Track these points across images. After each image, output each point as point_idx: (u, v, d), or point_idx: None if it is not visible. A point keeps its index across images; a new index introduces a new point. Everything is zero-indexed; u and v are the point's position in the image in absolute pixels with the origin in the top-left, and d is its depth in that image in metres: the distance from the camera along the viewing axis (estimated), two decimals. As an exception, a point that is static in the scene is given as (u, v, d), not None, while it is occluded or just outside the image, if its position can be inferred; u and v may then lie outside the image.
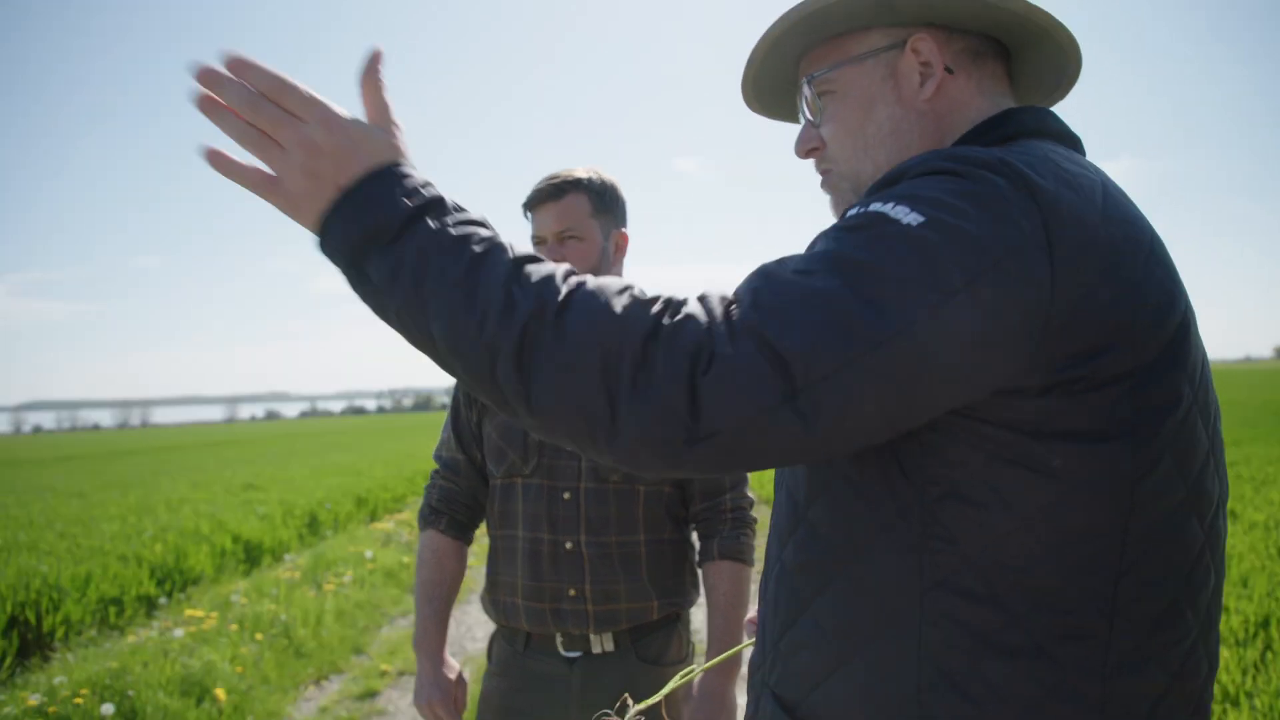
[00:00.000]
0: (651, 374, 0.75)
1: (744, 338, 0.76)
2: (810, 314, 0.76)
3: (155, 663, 4.60)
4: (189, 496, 12.89)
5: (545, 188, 1.88)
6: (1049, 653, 0.83)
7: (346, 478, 15.29)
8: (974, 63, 1.02)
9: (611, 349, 0.76)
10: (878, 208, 0.82)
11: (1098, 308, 0.81)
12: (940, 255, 0.77)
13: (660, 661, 1.90)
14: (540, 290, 0.78)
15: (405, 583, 7.74)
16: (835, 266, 0.78)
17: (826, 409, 0.76)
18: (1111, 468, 0.82)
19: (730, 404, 0.75)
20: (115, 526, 9.41)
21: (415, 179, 0.84)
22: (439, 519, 2.02)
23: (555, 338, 0.77)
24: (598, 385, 0.75)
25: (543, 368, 0.77)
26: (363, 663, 5.55)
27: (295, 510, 10.60)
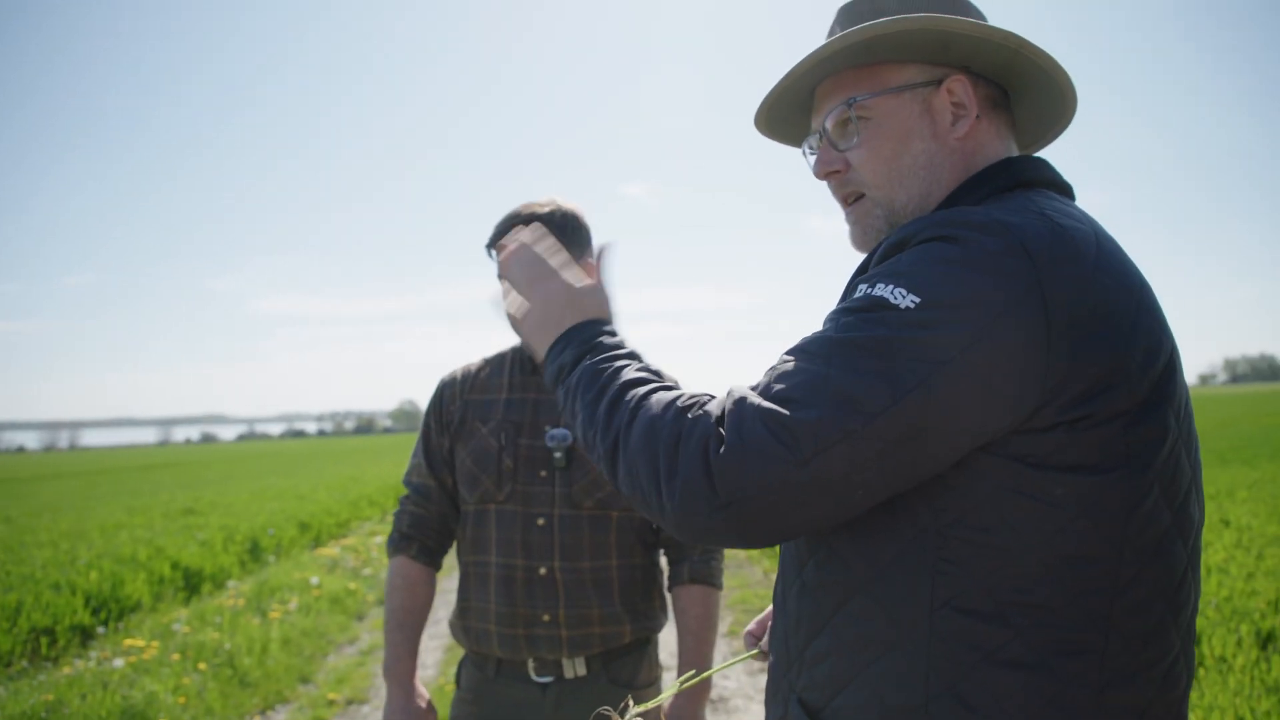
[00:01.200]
0: (676, 459, 0.91)
1: (754, 422, 0.88)
2: (815, 393, 0.87)
3: (94, 694, 4.46)
4: (124, 522, 12.50)
5: (505, 225, 1.91)
6: (1049, 666, 0.90)
7: (288, 502, 14.97)
8: (993, 109, 1.10)
9: (657, 450, 0.93)
10: (879, 291, 0.91)
11: (1094, 354, 0.88)
12: (934, 330, 0.86)
13: (632, 685, 1.92)
14: (625, 410, 0.99)
15: (352, 610, 7.60)
16: (837, 349, 0.89)
17: (836, 474, 0.86)
18: (1108, 497, 0.90)
19: (742, 475, 0.87)
20: (46, 553, 9.09)
21: (602, 329, 1.12)
22: (409, 545, 2.01)
23: (626, 447, 0.97)
24: (651, 480, 0.94)
25: (624, 471, 0.98)
26: (310, 692, 5.43)
27: (236, 536, 10.35)
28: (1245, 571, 6.19)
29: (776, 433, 0.86)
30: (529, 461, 1.91)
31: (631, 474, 0.96)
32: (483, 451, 1.94)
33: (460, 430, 1.98)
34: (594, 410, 1.02)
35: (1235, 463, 14.48)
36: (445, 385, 2.05)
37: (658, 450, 0.93)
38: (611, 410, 1.00)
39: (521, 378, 1.99)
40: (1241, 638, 4.70)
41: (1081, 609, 0.90)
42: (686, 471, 0.89)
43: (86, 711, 4.23)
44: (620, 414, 0.99)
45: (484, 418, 1.96)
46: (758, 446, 0.86)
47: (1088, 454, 0.89)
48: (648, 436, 0.94)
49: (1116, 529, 0.90)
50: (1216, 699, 3.85)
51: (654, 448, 0.93)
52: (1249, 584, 5.79)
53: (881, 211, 1.09)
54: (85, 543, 10.01)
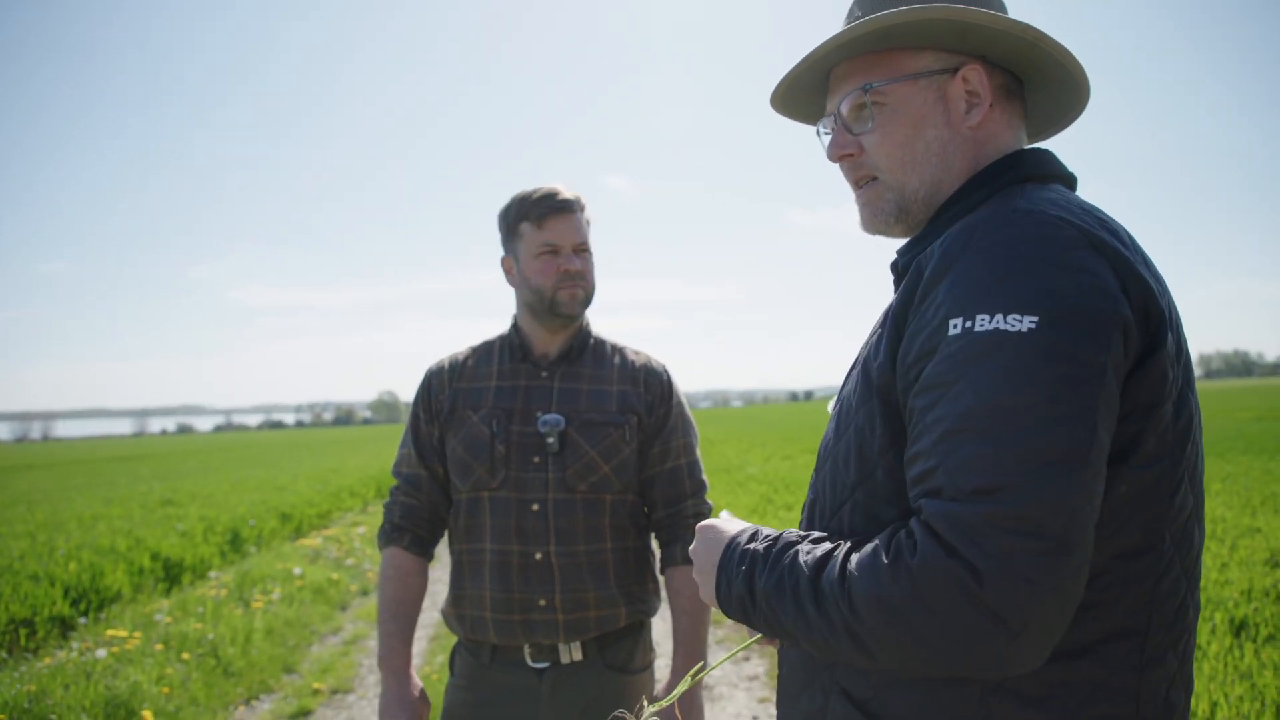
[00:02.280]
0: (940, 620, 0.83)
1: (990, 534, 0.81)
2: (1027, 471, 0.82)
3: (77, 685, 4.43)
4: (102, 513, 12.38)
5: (564, 201, 1.95)
6: (1096, 652, 0.93)
7: (268, 493, 14.87)
8: (1006, 99, 1.11)
9: (901, 622, 0.85)
10: (985, 326, 0.87)
11: (1158, 337, 0.91)
12: (1073, 346, 0.85)
13: (627, 669, 1.94)
14: (837, 603, 0.91)
15: (335, 600, 7.58)
16: (1007, 415, 0.84)
17: (1081, 532, 0.83)
18: (1157, 488, 0.93)
19: (1024, 596, 0.80)
20: (24, 544, 8.99)
21: (737, 551, 1.05)
22: (402, 536, 2.02)
23: (865, 629, 0.88)
24: (914, 645, 0.85)
25: (877, 651, 0.88)
26: (294, 681, 5.43)
27: (217, 526, 10.28)
28: (1219, 562, 6.30)
29: (1020, 531, 0.80)
30: (522, 448, 1.92)
31: (891, 650, 0.87)
32: (475, 439, 1.95)
33: (450, 419, 1.99)
34: (805, 618, 0.94)
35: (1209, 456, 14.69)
36: (433, 374, 2.06)
37: (908, 620, 0.84)
38: (822, 607, 0.92)
39: (511, 365, 2.01)
40: (1215, 626, 4.78)
41: (1130, 598, 0.94)
42: (957, 623, 0.81)
43: (70, 701, 4.20)
44: (834, 607, 0.90)
45: (474, 405, 1.97)
46: (1016, 557, 0.80)
47: (1146, 446, 0.91)
48: (884, 614, 0.85)
49: (1162, 519, 0.94)
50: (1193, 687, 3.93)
51: (897, 621, 0.84)
52: (1223, 574, 5.89)
53: (893, 196, 1.11)
54: (63, 534, 9.90)
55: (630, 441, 1.95)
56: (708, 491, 2.05)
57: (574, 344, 2.01)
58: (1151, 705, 0.95)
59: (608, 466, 1.92)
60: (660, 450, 1.99)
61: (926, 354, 0.92)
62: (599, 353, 2.03)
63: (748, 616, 1.02)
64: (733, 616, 1.05)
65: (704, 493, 2.03)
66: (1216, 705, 3.69)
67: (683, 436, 2.02)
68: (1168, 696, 0.97)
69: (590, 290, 1.98)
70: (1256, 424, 24.05)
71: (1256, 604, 5.10)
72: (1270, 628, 4.72)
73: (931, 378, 0.90)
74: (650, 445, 1.98)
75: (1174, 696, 0.98)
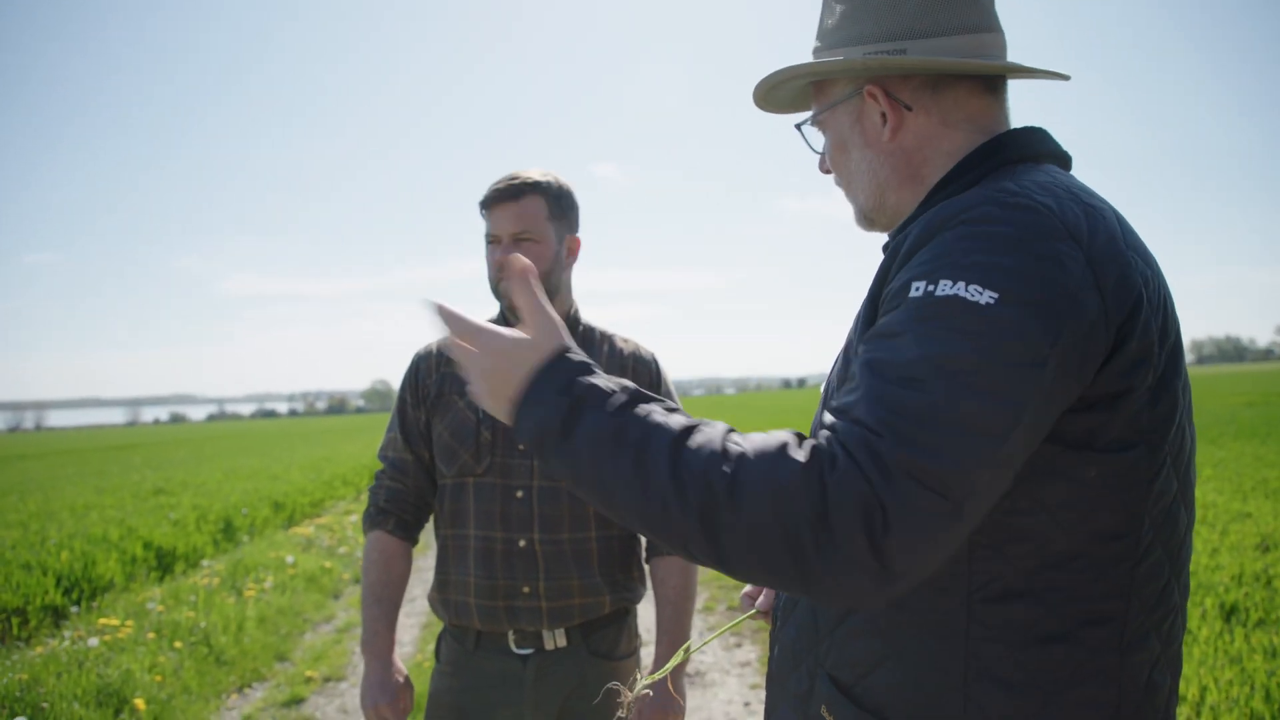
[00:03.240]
0: (833, 538, 0.80)
1: (902, 478, 0.80)
2: (948, 431, 0.82)
3: (69, 673, 4.43)
4: (94, 502, 12.37)
5: (504, 188, 1.90)
6: (1078, 637, 0.93)
7: (261, 482, 14.87)
8: (933, 95, 1.08)
9: (788, 523, 0.81)
10: (950, 290, 0.87)
11: (1132, 328, 0.90)
12: (1024, 329, 0.84)
13: (611, 656, 1.94)
14: (706, 474, 0.84)
15: (328, 588, 7.59)
16: (942, 371, 0.83)
17: (980, 507, 0.84)
18: (1133, 472, 0.93)
19: (916, 549, 0.80)
20: (16, 534, 8.98)
21: (566, 374, 0.92)
22: (386, 520, 2.00)
23: (734, 518, 0.82)
24: (784, 553, 0.81)
25: (729, 545, 0.83)
26: (287, 669, 5.43)
27: (209, 515, 10.27)
28: (1210, 547, 6.33)
29: (933, 489, 0.80)
30: (507, 434, 1.90)
31: (747, 557, 0.83)
32: (460, 424, 1.93)
33: (437, 403, 1.97)
34: (645, 482, 0.86)
35: (1201, 442, 14.75)
36: (421, 358, 2.04)
37: (797, 526, 0.80)
38: (682, 477, 0.85)
39: None
40: (1206, 611, 4.81)
41: (1108, 581, 0.94)
42: (846, 549, 0.79)
43: (62, 690, 4.19)
44: (698, 484, 0.84)
45: (461, 390, 1.95)
46: (923, 513, 0.80)
47: (1120, 431, 0.91)
48: (773, 508, 0.81)
49: (1139, 503, 0.94)
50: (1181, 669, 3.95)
51: (788, 524, 0.81)
52: (1213, 559, 5.93)
53: (855, 206, 1.18)
54: (55, 523, 9.89)
55: None
56: None
57: None
58: (1134, 687, 0.96)
59: None
60: None
61: (887, 312, 0.92)
62: (587, 340, 2.01)
63: (543, 451, 0.92)
64: (523, 438, 0.94)
65: None
66: (1206, 689, 3.71)
67: None
68: (1150, 678, 0.97)
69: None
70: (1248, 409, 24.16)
71: (1247, 589, 5.13)
72: (1260, 612, 4.75)
73: (881, 327, 0.90)
74: None
75: (1157, 678, 0.98)
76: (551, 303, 1.93)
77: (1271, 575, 5.43)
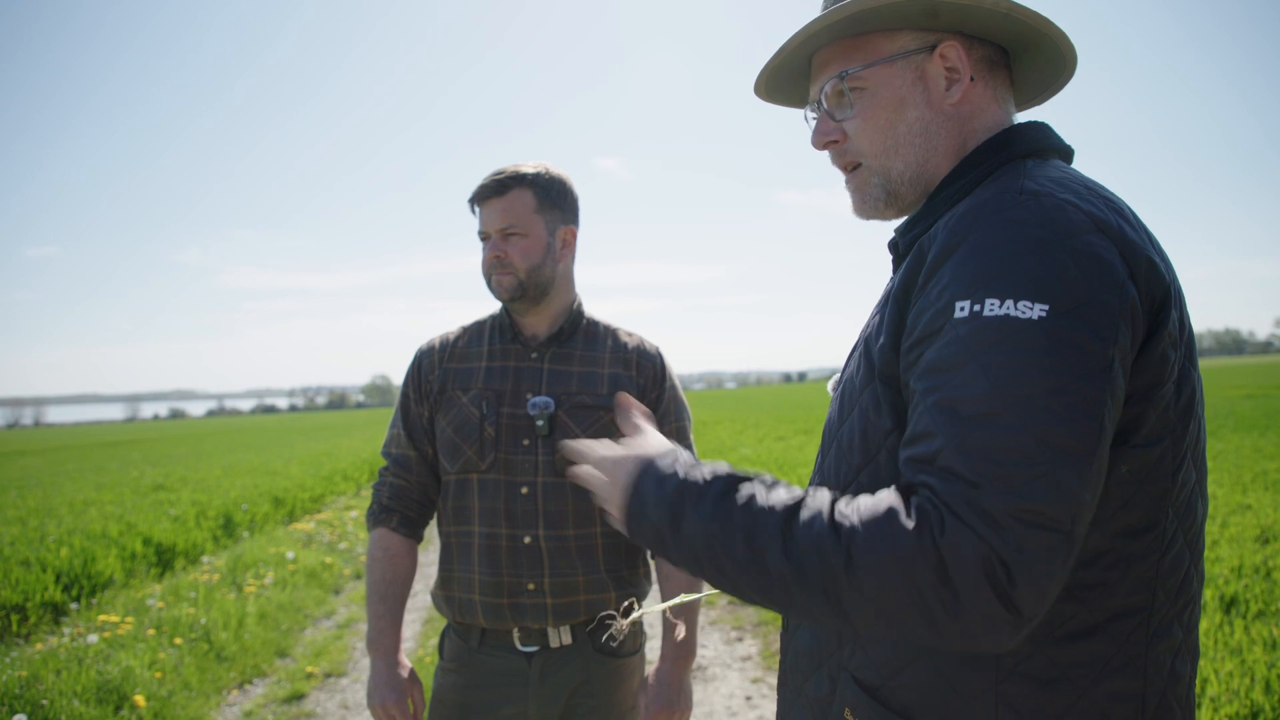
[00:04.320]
0: (959, 599, 0.81)
1: (1014, 526, 0.81)
2: (1042, 464, 0.82)
3: (69, 670, 4.42)
4: (94, 498, 12.35)
5: (490, 183, 1.89)
6: (1106, 630, 0.93)
7: (260, 478, 14.85)
8: (990, 71, 1.09)
9: (911, 591, 0.82)
10: (995, 311, 0.86)
11: (1163, 318, 0.90)
12: (1082, 337, 0.84)
13: (617, 653, 1.93)
14: (820, 552, 0.86)
15: (329, 584, 7.58)
16: (1018, 402, 0.83)
17: (1086, 521, 0.84)
18: (1160, 466, 0.92)
19: (1043, 589, 0.81)
20: (15, 530, 8.96)
21: (663, 474, 0.98)
22: (390, 517, 2.00)
23: (856, 594, 0.84)
24: (914, 618, 0.83)
25: (856, 616, 0.86)
26: (287, 665, 5.42)
27: (209, 511, 10.26)
28: (1210, 539, 6.33)
29: (1044, 527, 0.81)
30: (511, 430, 1.90)
31: (876, 623, 0.85)
32: (464, 420, 1.92)
33: (440, 399, 1.96)
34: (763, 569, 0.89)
35: (1199, 434, 14.74)
36: (424, 354, 2.03)
37: (922, 591, 0.82)
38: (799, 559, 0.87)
39: (502, 345, 1.98)
40: (1206, 603, 4.81)
41: (1136, 574, 0.94)
42: (975, 607, 0.81)
43: (62, 687, 4.19)
44: (814, 564, 0.86)
45: (464, 386, 1.94)
46: (1042, 557, 0.81)
47: (1153, 426, 0.91)
48: (894, 576, 0.82)
49: (1166, 496, 0.94)
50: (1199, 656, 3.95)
51: (913, 589, 0.82)
52: (1213, 551, 5.93)
53: (879, 180, 1.10)
54: (54, 519, 9.87)
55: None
56: None
57: (564, 325, 1.98)
58: (1159, 676, 0.96)
59: None
60: None
61: (930, 334, 0.91)
62: (591, 334, 2.00)
63: (663, 548, 0.97)
64: (636, 539, 1.00)
65: None
66: (1207, 681, 3.71)
67: (675, 420, 1.99)
68: (1173, 667, 0.98)
69: (522, 274, 1.88)
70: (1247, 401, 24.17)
71: (1246, 580, 5.13)
72: (1260, 604, 4.75)
73: (938, 360, 0.88)
74: None
75: (1179, 667, 0.99)
76: (550, 295, 1.94)
77: (1271, 567, 5.44)
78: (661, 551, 0.97)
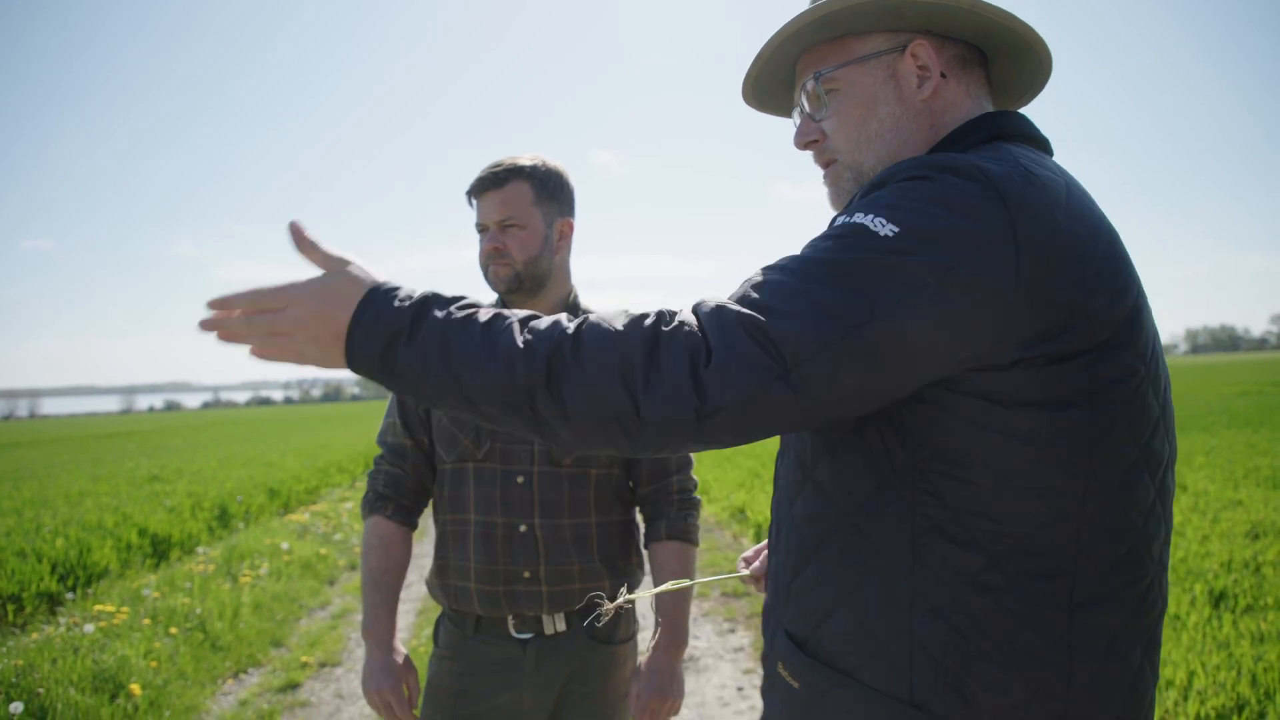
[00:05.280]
0: (660, 371, 0.90)
1: (737, 330, 0.90)
2: (797, 305, 0.90)
3: (65, 659, 4.44)
4: (89, 489, 12.35)
5: (487, 175, 1.90)
6: (1022, 589, 0.96)
7: (256, 469, 14.86)
8: (963, 69, 1.13)
9: (625, 359, 0.91)
10: (859, 219, 0.94)
11: (1057, 295, 0.92)
12: (911, 257, 0.90)
13: (611, 641, 1.96)
14: (552, 331, 0.94)
15: (323, 575, 7.60)
16: (820, 268, 0.92)
17: (815, 383, 0.89)
18: (1072, 432, 0.94)
19: (731, 385, 0.89)
20: (10, 521, 8.96)
21: (401, 288, 0.98)
22: (385, 505, 2.01)
23: (576, 363, 0.92)
24: (620, 391, 0.91)
25: (574, 389, 0.92)
26: (282, 655, 5.45)
27: (204, 502, 10.27)
28: (1200, 534, 6.38)
29: (760, 342, 0.89)
30: None
31: (588, 398, 0.91)
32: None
33: None
34: (492, 348, 0.93)
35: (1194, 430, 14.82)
36: None
37: (630, 362, 0.90)
38: (529, 339, 0.93)
39: None
40: (1195, 597, 4.85)
41: (1050, 536, 0.95)
42: (673, 380, 0.89)
43: (58, 675, 4.20)
44: (544, 339, 0.93)
45: None
46: (744, 356, 0.88)
47: (1050, 391, 0.93)
48: (611, 350, 0.91)
49: (1081, 463, 0.95)
50: (1170, 654, 3.99)
51: (623, 361, 0.90)
52: (1204, 546, 5.97)
53: (850, 174, 1.15)
54: (50, 510, 9.88)
55: None
56: (694, 467, 2.05)
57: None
58: (1090, 652, 0.96)
59: None
60: None
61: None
62: None
63: (387, 358, 0.95)
64: (359, 360, 0.96)
65: (690, 468, 2.03)
66: (1194, 674, 3.74)
67: None
68: (1113, 646, 0.97)
69: (520, 266, 1.89)
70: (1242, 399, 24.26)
71: (1236, 575, 5.17)
72: (1249, 598, 4.79)
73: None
74: None
75: (1123, 647, 0.98)
76: (546, 287, 1.95)
77: (1260, 562, 5.48)
78: (384, 363, 0.95)
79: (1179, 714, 3.49)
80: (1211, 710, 3.44)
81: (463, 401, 0.96)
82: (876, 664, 0.99)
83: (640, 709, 1.91)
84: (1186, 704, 3.52)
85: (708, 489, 10.39)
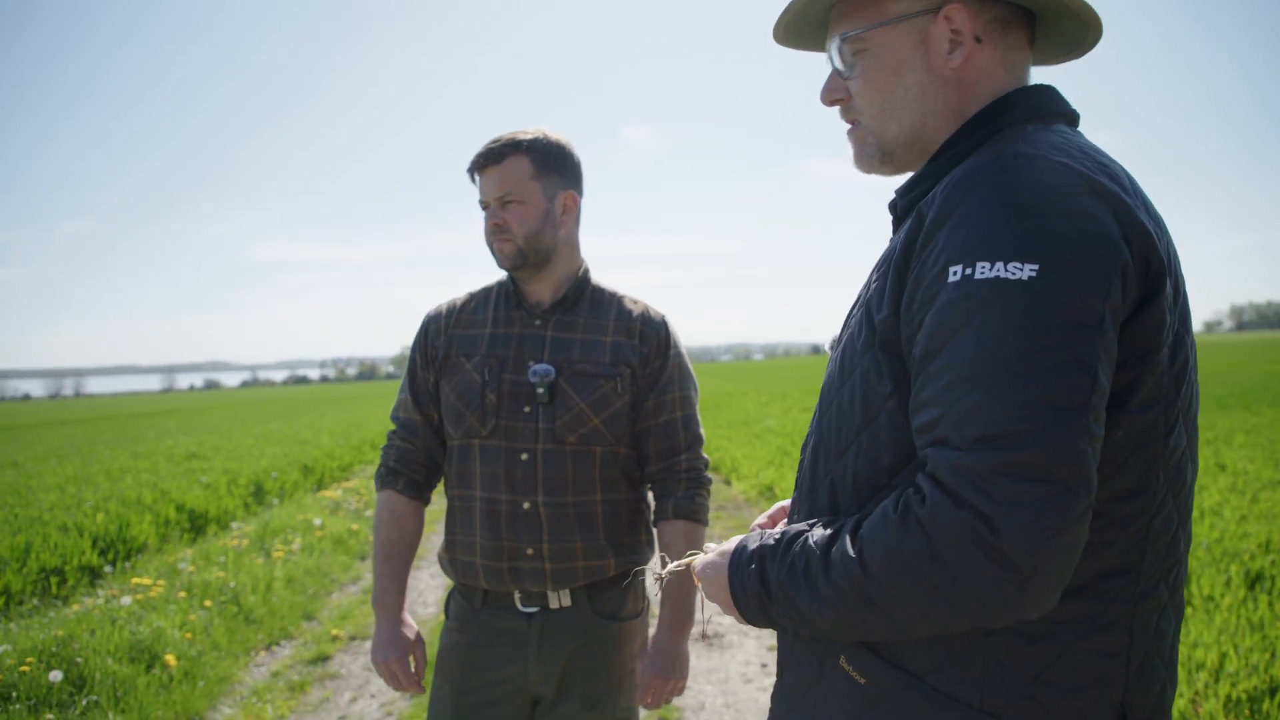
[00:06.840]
0: (951, 567, 0.84)
1: (999, 481, 0.82)
2: (1028, 417, 0.83)
3: (103, 630, 4.55)
4: (130, 466, 12.63)
5: (486, 152, 1.90)
6: (1094, 589, 0.95)
7: (291, 447, 15.09)
8: (1002, 32, 1.07)
9: (915, 575, 0.86)
10: (985, 274, 0.87)
11: (1159, 283, 0.91)
12: (1072, 292, 0.85)
13: (617, 616, 1.96)
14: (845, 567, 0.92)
15: (355, 550, 7.71)
16: (1006, 362, 0.85)
17: (1086, 474, 0.84)
18: (1154, 430, 0.93)
19: (1036, 542, 0.82)
20: (54, 496, 9.20)
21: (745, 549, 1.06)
22: (396, 479, 2.03)
23: (876, 589, 0.90)
24: (931, 600, 0.87)
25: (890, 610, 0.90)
26: (314, 628, 5.54)
27: (240, 479, 10.46)
28: (1239, 514, 6.25)
29: (1028, 477, 0.82)
30: (512, 396, 1.91)
31: (902, 605, 0.89)
32: (467, 386, 1.94)
33: (445, 365, 1.98)
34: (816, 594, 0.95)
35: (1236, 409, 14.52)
36: (430, 320, 2.05)
37: (918, 569, 0.86)
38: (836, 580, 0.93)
39: (506, 312, 1.99)
40: (1230, 578, 4.76)
41: (1127, 537, 0.95)
42: (969, 569, 0.83)
43: (96, 646, 4.31)
44: (841, 572, 0.92)
45: (468, 352, 1.96)
46: (1025, 503, 0.81)
47: (1149, 391, 0.92)
48: (892, 565, 0.87)
49: (1158, 460, 0.94)
50: (1202, 636, 3.92)
51: (910, 571, 0.86)
52: (1241, 526, 5.85)
53: (874, 140, 1.12)
54: (91, 486, 10.12)
55: (623, 394, 1.93)
56: (704, 445, 2.03)
57: (569, 292, 1.98)
58: (1144, 634, 0.98)
59: (598, 419, 1.91)
60: (654, 403, 1.96)
61: (926, 301, 0.92)
62: (596, 302, 2.00)
63: (767, 614, 1.02)
64: (754, 621, 1.04)
65: (700, 446, 2.02)
66: (1226, 656, 3.68)
67: (679, 390, 1.99)
68: (1158, 625, 0.99)
69: (521, 241, 1.89)
70: (1285, 377, 23.70)
71: (1274, 556, 5.06)
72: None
73: (933, 326, 0.90)
74: (644, 398, 1.96)
75: (1163, 625, 1.00)
76: (552, 262, 1.94)
77: (1300, 543, 5.36)
78: (769, 621, 1.03)
79: (1209, 696, 3.43)
80: (1243, 693, 3.38)
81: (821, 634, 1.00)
82: (948, 669, 0.97)
83: (643, 688, 1.92)
84: (1218, 686, 3.46)
85: (737, 466, 10.38)
